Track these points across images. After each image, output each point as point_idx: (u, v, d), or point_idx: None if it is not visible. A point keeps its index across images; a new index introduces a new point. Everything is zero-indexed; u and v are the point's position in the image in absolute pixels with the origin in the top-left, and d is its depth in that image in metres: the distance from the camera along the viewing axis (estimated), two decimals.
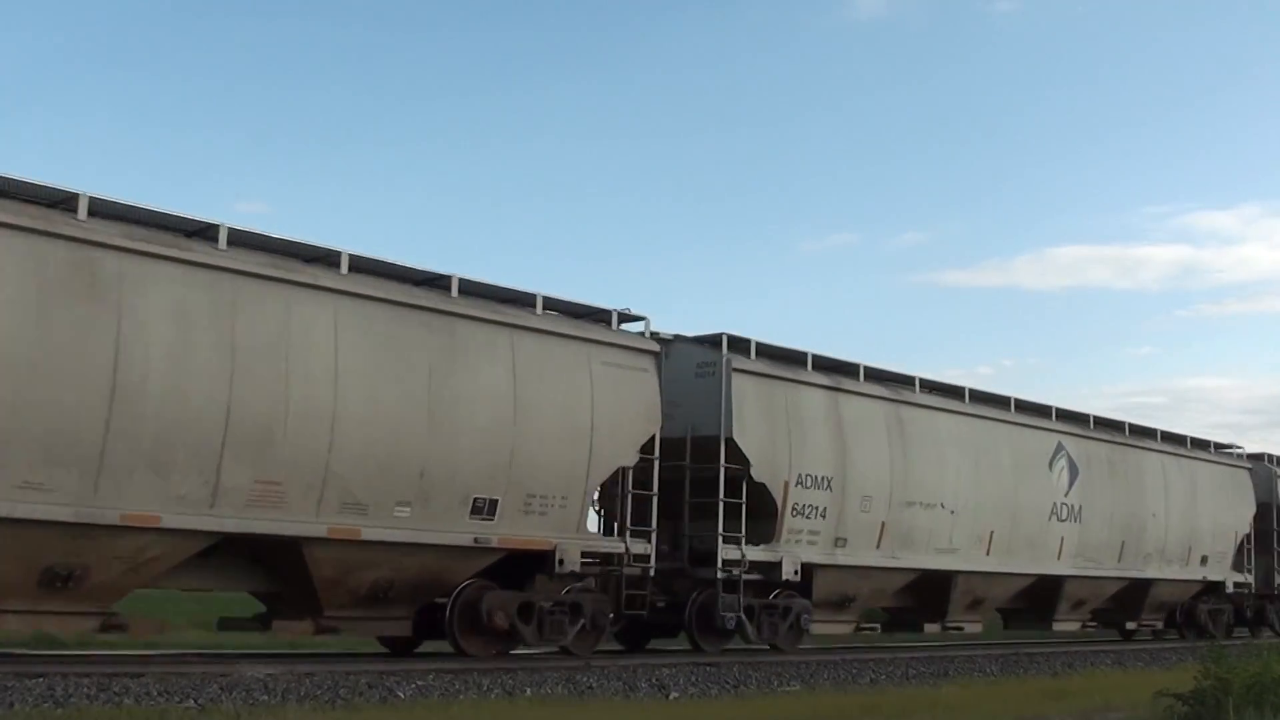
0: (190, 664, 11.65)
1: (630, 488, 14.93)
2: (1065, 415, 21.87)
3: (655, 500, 14.90)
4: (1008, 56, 72.50)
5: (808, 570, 16.79)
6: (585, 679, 12.69)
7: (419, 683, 11.58)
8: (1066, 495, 21.69)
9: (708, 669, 13.98)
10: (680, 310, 53.66)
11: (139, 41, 64.91)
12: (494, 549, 13.39)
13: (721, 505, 15.81)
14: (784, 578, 16.35)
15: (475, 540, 13.39)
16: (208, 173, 65.68)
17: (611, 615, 14.62)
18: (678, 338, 16.62)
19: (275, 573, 12.24)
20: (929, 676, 15.85)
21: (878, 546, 17.92)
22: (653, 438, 15.11)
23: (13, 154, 62.23)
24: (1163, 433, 24.49)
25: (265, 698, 10.32)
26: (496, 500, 13.44)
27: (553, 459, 13.82)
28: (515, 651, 13.88)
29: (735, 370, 16.20)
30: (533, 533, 13.74)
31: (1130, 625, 24.30)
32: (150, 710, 9.49)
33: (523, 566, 13.76)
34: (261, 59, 66.66)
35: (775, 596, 16.47)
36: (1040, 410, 21.41)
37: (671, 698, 12.71)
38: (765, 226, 73.76)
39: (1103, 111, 73.19)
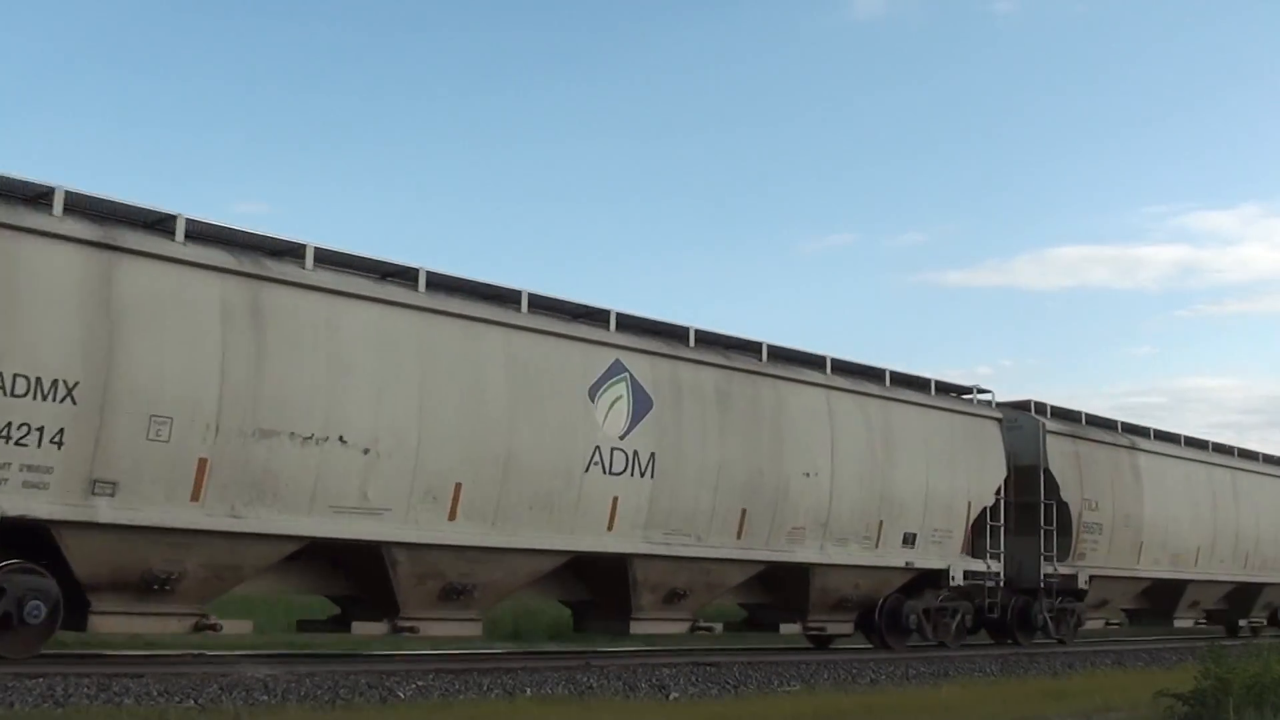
0: (190, 664, 12.69)
1: None
2: (634, 325, 17.17)
3: None
4: (1007, 56, 79.50)
5: (42, 532, 11.95)
6: (585, 679, 13.83)
7: (419, 683, 12.60)
8: (624, 437, 16.38)
9: (708, 669, 15.26)
10: (680, 310, 54.18)
11: (139, 42, 67.89)
12: None
13: None
14: None
15: None
16: (208, 173, 69.63)
17: None
18: None
19: None
20: (929, 676, 16.88)
21: (197, 499, 12.76)
22: None
23: (12, 155, 63.18)
24: (836, 361, 19.73)
25: (265, 698, 11.21)
26: None
27: None
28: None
29: None
30: None
31: (790, 628, 19.42)
32: (150, 710, 10.22)
33: None
34: (262, 59, 70.86)
35: None
36: (586, 314, 16.74)
37: (671, 698, 13.69)
38: (764, 226, 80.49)
39: (1102, 111, 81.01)
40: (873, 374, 20.24)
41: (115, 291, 12.19)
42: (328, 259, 14.09)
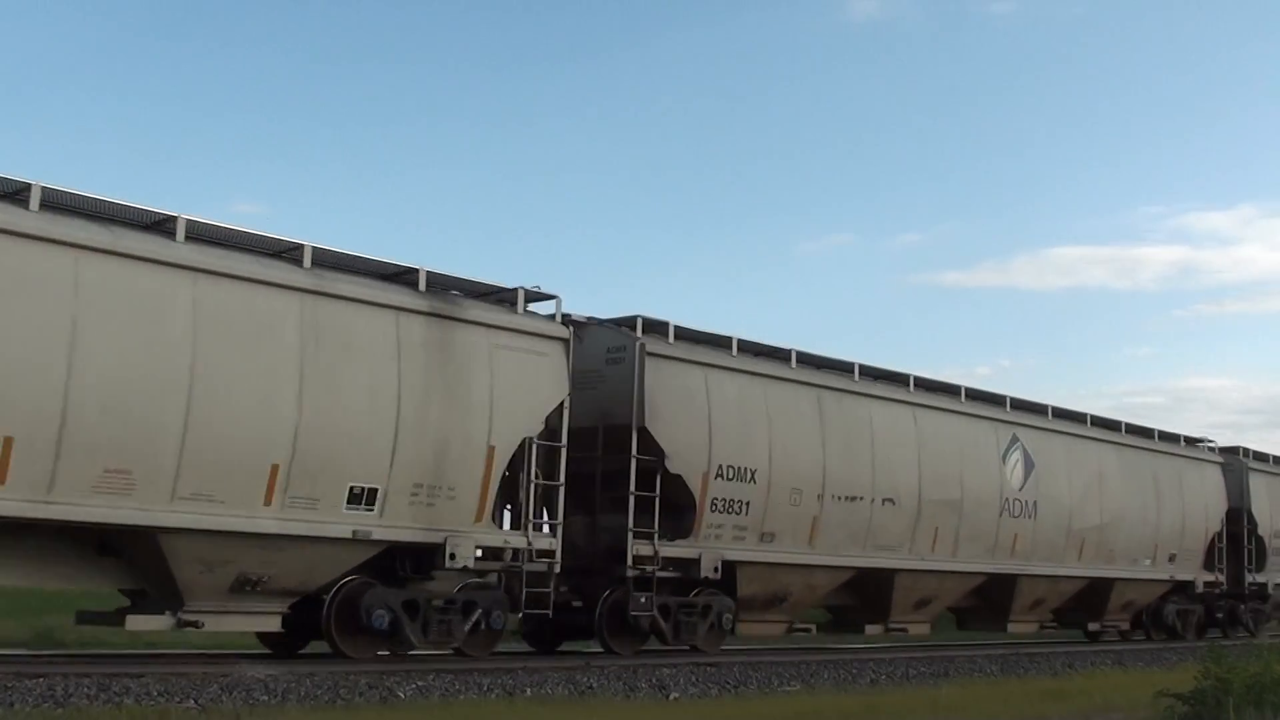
0: (190, 664, 12.62)
1: None
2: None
3: None
4: (1004, 57, 79.86)
5: None
6: (585, 679, 13.91)
7: (419, 683, 12.69)
8: None
9: (708, 669, 15.33)
10: (680, 311, 54.42)
11: (139, 45, 69.50)
12: None
13: None
14: None
15: None
16: (208, 174, 70.43)
17: None
18: None
19: None
20: (929, 676, 17.09)
21: None
22: None
23: (14, 156, 63.41)
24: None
25: (265, 698, 11.31)
26: None
27: None
28: None
29: None
30: None
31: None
32: (150, 710, 10.32)
33: None
34: (262, 62, 71.86)
35: None
36: None
37: (671, 698, 13.83)
38: (762, 227, 79.86)
39: (1100, 112, 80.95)
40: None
41: None
42: None
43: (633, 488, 16.27)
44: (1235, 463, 28.32)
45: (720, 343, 17.94)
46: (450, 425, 14.59)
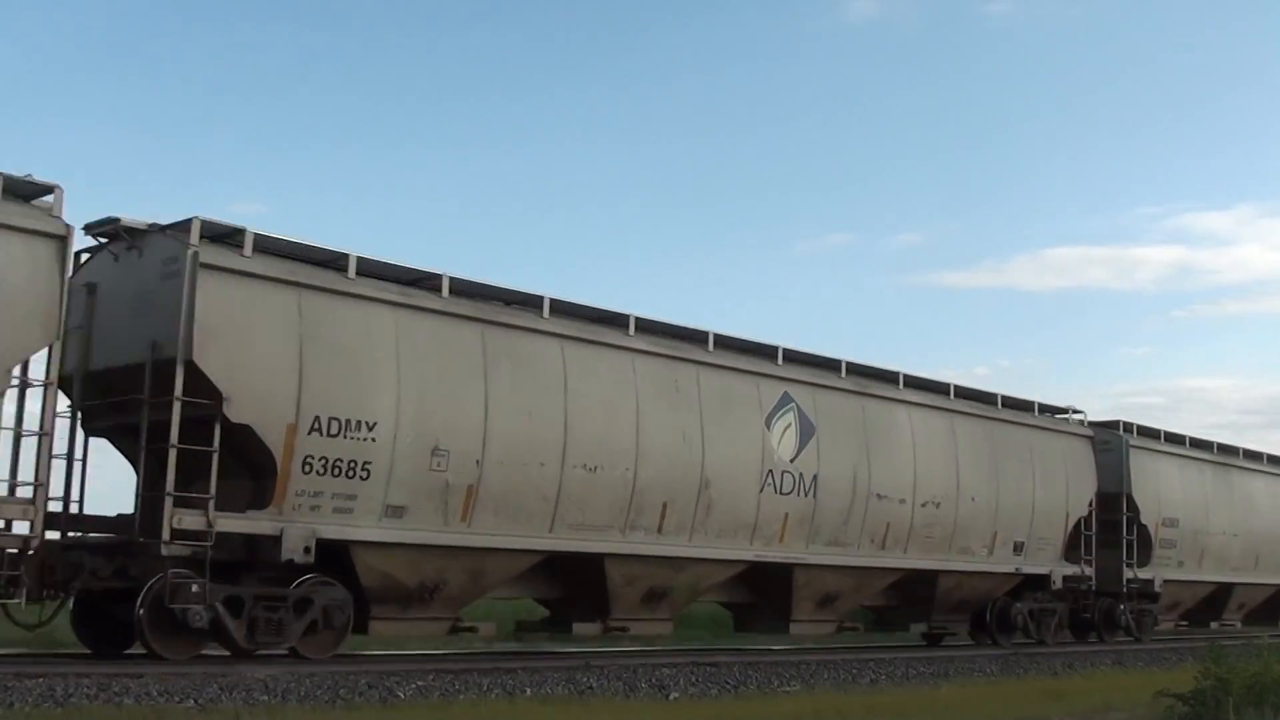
0: (190, 664, 12.58)
1: None
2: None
3: None
4: (1002, 57, 79.28)
5: None
6: (585, 679, 13.98)
7: (419, 683, 12.76)
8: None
9: (708, 669, 15.44)
10: (677, 310, 55.30)
11: (139, 44, 68.79)
12: None
13: None
14: None
15: None
16: (210, 174, 68.72)
17: None
18: None
19: None
20: (929, 676, 17.12)
21: None
22: None
23: (15, 157, 57.69)
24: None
25: (265, 698, 11.36)
26: None
27: None
28: None
29: None
30: None
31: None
32: (150, 710, 10.38)
33: None
34: (263, 61, 71.48)
35: None
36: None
37: (671, 698, 13.90)
38: (761, 227, 79.03)
39: (1098, 112, 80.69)
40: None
41: None
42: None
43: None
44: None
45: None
46: None
